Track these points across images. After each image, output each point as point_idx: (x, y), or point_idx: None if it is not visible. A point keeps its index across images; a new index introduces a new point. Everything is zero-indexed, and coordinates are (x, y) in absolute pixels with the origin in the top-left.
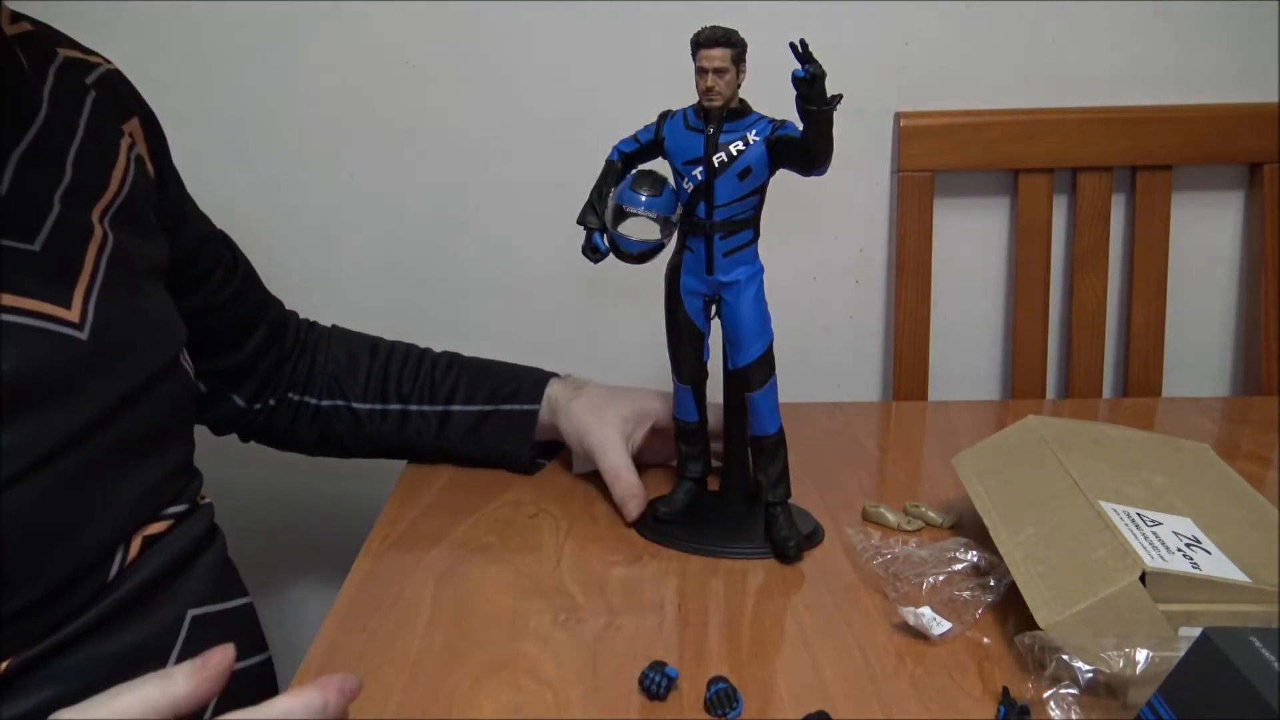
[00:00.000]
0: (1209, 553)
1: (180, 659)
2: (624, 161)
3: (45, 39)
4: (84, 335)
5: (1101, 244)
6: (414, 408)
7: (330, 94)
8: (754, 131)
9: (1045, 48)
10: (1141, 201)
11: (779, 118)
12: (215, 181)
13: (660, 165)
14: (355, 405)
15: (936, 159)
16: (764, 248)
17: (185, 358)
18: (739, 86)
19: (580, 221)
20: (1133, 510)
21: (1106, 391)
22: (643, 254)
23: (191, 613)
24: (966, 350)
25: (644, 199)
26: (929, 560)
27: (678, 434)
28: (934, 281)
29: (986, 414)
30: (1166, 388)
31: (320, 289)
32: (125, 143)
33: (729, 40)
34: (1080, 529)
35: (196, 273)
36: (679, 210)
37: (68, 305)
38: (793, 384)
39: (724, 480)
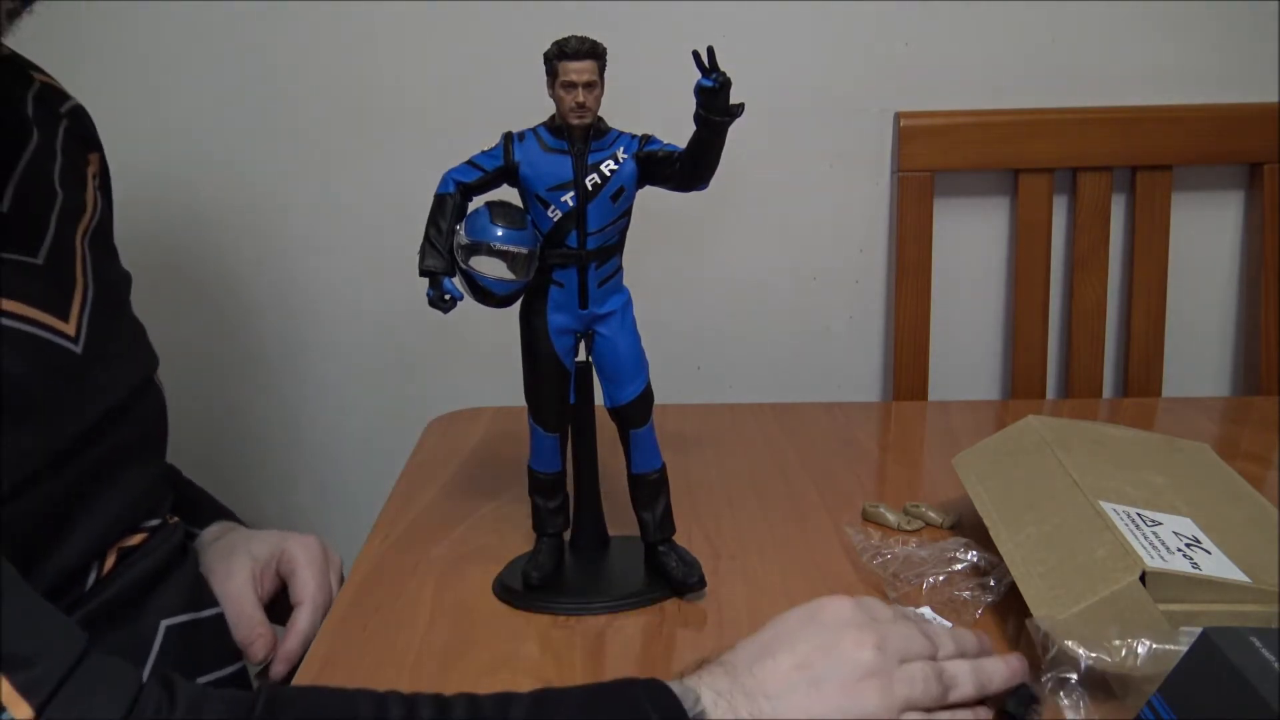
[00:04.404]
0: (1209, 553)
1: (154, 669)
2: (462, 193)
3: (20, 64)
4: (78, 349)
5: (1101, 244)
6: None
7: (332, 94)
8: (622, 148)
9: (1045, 48)
10: (1141, 201)
11: (639, 132)
12: (214, 183)
13: (502, 194)
14: None
15: (936, 159)
16: (764, 248)
17: (158, 378)
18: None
19: (424, 270)
20: (1133, 510)
21: (1106, 391)
22: (510, 295)
23: (165, 623)
24: (966, 350)
25: (503, 233)
26: (929, 560)
27: (535, 488)
28: (934, 281)
29: (986, 414)
30: (1166, 388)
31: (321, 289)
32: (90, 170)
33: (595, 51)
34: (1080, 529)
35: None
36: (540, 242)
37: (66, 318)
38: (793, 384)
39: (578, 528)
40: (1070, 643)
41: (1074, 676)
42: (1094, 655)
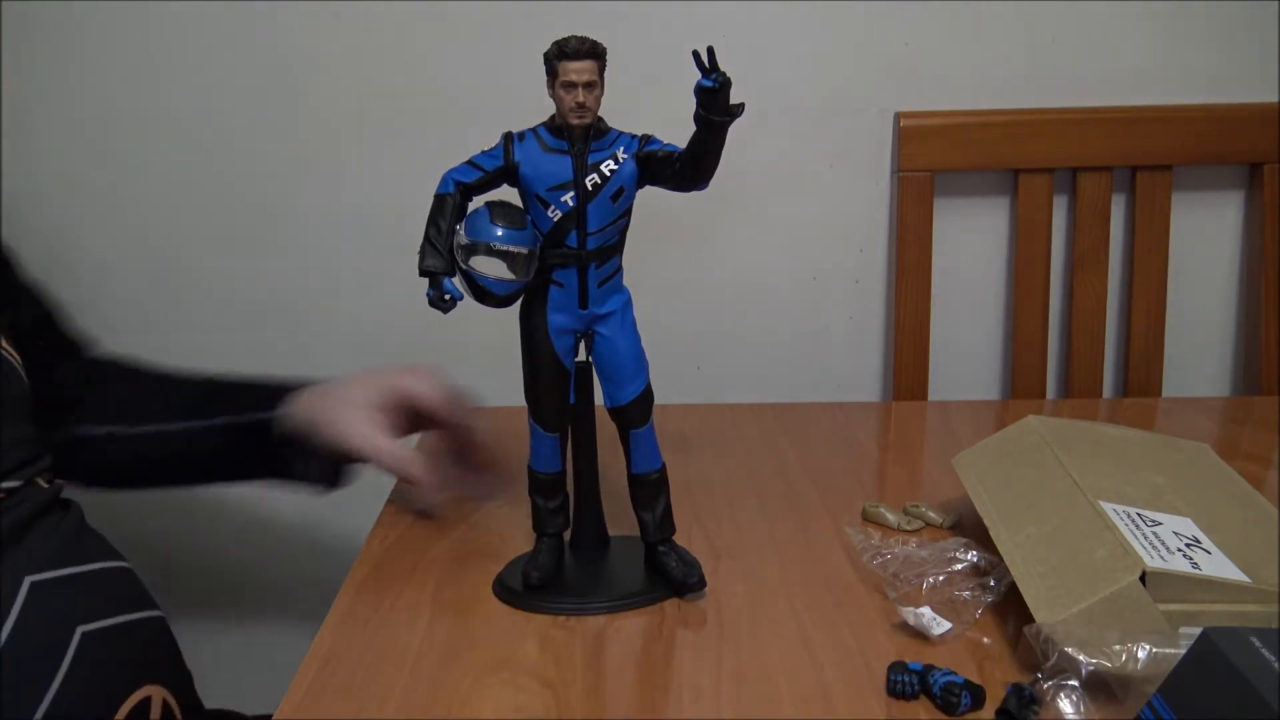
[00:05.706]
0: (1209, 553)
1: (16, 627)
2: (462, 193)
3: None
4: None
5: (1101, 244)
6: (149, 428)
7: (332, 94)
8: (622, 148)
9: (1045, 48)
10: (1141, 201)
11: (639, 132)
12: (213, 183)
13: (502, 194)
14: (81, 430)
15: (936, 159)
16: (764, 248)
17: (6, 347)
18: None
19: (424, 270)
20: (1133, 510)
21: (1106, 391)
22: (510, 295)
23: (30, 579)
24: (966, 350)
25: (503, 233)
26: (929, 560)
27: (535, 488)
28: (934, 281)
29: (986, 414)
30: (1166, 388)
31: (321, 289)
32: None
33: (596, 51)
34: (1080, 529)
35: None
36: (540, 242)
37: None
38: (793, 384)
39: (578, 528)
40: (1070, 649)
41: (1074, 681)
42: (1094, 661)
